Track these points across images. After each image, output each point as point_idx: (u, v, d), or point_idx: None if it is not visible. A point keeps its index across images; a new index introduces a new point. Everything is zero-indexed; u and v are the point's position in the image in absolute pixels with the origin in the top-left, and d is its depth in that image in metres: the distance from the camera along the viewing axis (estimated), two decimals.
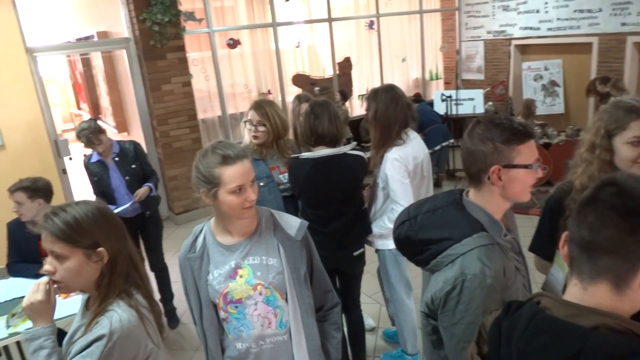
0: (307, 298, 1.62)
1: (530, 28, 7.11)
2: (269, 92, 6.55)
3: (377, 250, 2.75)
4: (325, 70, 7.29)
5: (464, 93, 7.28)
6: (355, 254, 2.58)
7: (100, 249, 1.34)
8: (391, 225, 2.51)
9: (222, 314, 1.60)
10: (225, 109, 6.14)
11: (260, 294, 1.56)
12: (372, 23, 7.42)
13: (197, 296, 1.61)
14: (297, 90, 6.98)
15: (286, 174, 2.71)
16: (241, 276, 1.55)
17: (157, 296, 3.55)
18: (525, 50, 7.46)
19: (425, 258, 1.35)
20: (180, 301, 3.90)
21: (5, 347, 2.55)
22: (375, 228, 2.63)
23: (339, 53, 7.19)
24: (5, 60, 4.52)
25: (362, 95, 7.43)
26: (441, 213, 1.36)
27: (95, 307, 1.37)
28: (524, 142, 1.26)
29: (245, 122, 2.67)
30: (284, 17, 6.52)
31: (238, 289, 1.55)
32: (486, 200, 1.32)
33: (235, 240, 1.57)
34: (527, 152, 1.26)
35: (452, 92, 7.01)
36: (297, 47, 6.93)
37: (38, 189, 2.92)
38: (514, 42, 7.40)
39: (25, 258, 3.01)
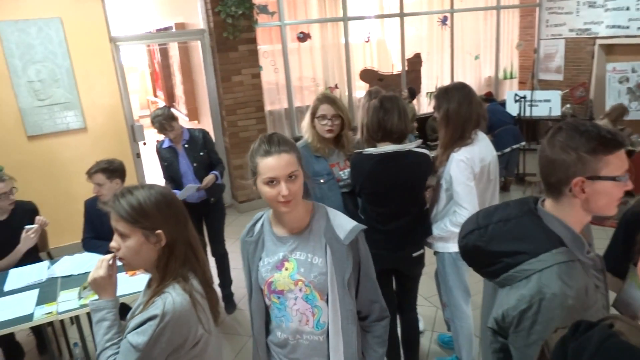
0: (349, 304, 1.55)
1: (619, 26, 6.62)
2: (336, 87, 6.55)
3: (436, 253, 2.68)
4: (394, 66, 7.18)
5: (539, 94, 6.92)
6: (414, 255, 2.53)
7: (159, 231, 1.40)
8: (452, 228, 2.45)
9: (266, 301, 1.63)
10: (292, 102, 6.21)
11: (301, 290, 1.55)
12: (445, 19, 7.21)
13: (250, 278, 1.65)
14: (364, 86, 6.94)
15: (346, 170, 2.70)
16: (287, 269, 1.56)
17: (216, 281, 3.69)
18: (611, 50, 6.96)
19: (495, 271, 1.26)
20: (238, 287, 4.01)
21: (76, 317, 2.73)
22: (436, 230, 2.56)
23: (409, 49, 7.06)
24: (91, 49, 4.82)
25: (431, 92, 7.26)
26: (515, 224, 1.26)
27: (154, 287, 1.45)
28: (612, 152, 1.14)
29: (317, 117, 2.66)
30: (355, 12, 6.49)
31: (281, 281, 1.56)
32: (566, 213, 1.22)
33: (286, 232, 1.58)
34: (616, 162, 1.15)
35: (527, 93, 6.68)
36: (367, 41, 6.87)
37: (115, 170, 3.11)
38: (599, 42, 6.92)
39: (99, 234, 3.21)
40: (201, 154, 3.54)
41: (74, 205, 4.69)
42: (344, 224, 1.55)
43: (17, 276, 3.00)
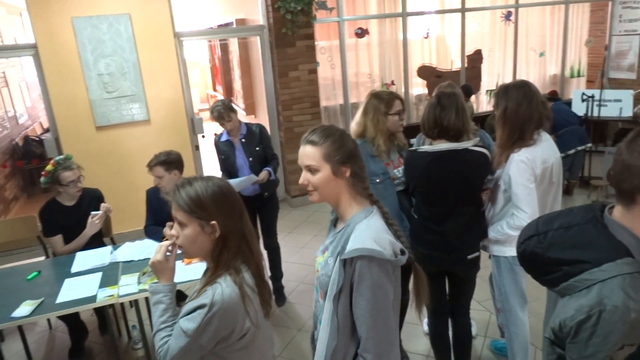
0: (334, 320, 1.44)
1: None
2: (392, 83, 6.47)
3: (491, 256, 2.60)
4: (453, 62, 7.00)
5: (609, 93, 6.52)
6: (469, 257, 2.46)
7: (213, 222, 1.45)
8: (509, 232, 2.36)
9: None
10: (348, 98, 6.20)
11: (317, 280, 1.59)
12: (509, 14, 6.94)
13: None
14: (421, 82, 6.81)
15: (400, 168, 2.67)
16: (322, 257, 1.58)
17: (267, 274, 3.75)
18: None
19: (554, 279, 1.21)
20: (288, 281, 4.07)
21: (135, 301, 2.85)
22: (492, 232, 2.48)
23: (470, 45, 6.85)
24: (157, 44, 5.01)
25: (491, 90, 7.02)
26: (577, 231, 1.20)
27: (207, 276, 1.50)
28: None
29: (391, 114, 2.66)
30: (414, 7, 6.37)
31: (316, 266, 1.61)
32: (637, 222, 1.14)
33: (338, 225, 1.59)
34: None
35: (596, 92, 6.32)
36: (426, 37, 6.73)
37: (173, 162, 3.23)
38: None
39: (159, 221, 3.34)
40: (257, 148, 3.61)
41: (136, 193, 4.91)
42: (357, 240, 1.40)
43: (83, 259, 3.19)
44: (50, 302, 2.70)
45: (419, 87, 6.86)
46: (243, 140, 3.59)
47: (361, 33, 6.19)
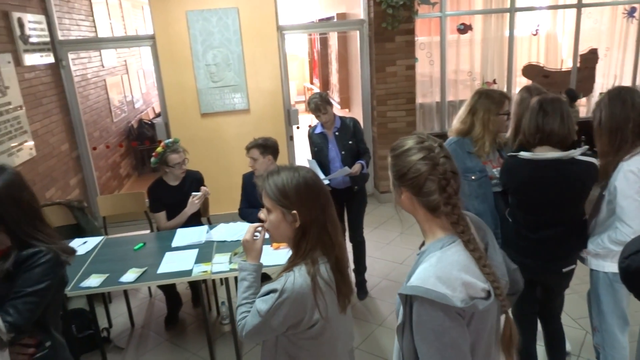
0: (402, 354, 1.32)
1: None
2: (494, 82, 6.19)
3: (590, 270, 2.42)
4: (564, 62, 6.53)
5: None
6: (564, 270, 2.31)
7: (294, 212, 1.50)
8: (611, 246, 2.18)
9: None
10: (445, 96, 6.03)
11: None
12: (633, 10, 6.32)
13: None
14: (526, 82, 6.43)
15: (499, 169, 2.58)
16: None
17: (351, 267, 3.79)
18: None
19: None
20: (371, 275, 4.08)
21: (226, 279, 3.03)
22: (591, 245, 2.30)
23: (584, 43, 6.34)
24: (261, 37, 5.23)
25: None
26: None
27: (287, 263, 1.56)
28: None
29: (500, 114, 2.64)
30: (524, 2, 6.02)
31: None
32: None
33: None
34: None
35: None
36: (535, 34, 6.34)
37: (268, 147, 3.41)
38: None
39: (253, 205, 3.52)
40: (350, 142, 3.64)
41: (233, 178, 5.18)
42: (419, 275, 1.23)
43: (182, 236, 3.44)
44: (152, 272, 2.96)
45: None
46: (337, 133, 3.65)
47: (464, 29, 5.98)
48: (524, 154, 2.26)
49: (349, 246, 3.87)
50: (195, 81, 5.21)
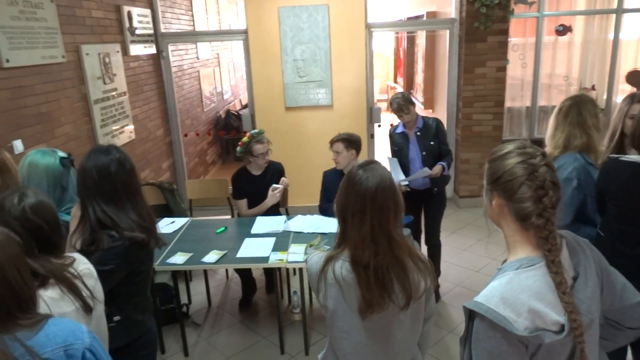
0: None
1: None
2: (593, 88, 5.78)
3: None
4: None
5: None
6: None
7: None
8: None
9: None
10: (537, 100, 5.73)
11: None
12: None
13: None
14: (630, 90, 5.94)
15: None
16: None
17: None
18: None
19: None
20: (445, 281, 4.00)
21: (300, 270, 3.11)
22: None
23: None
24: (349, 34, 5.27)
25: None
26: None
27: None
28: None
29: (629, 117, 2.46)
30: (633, 3, 5.56)
31: None
32: None
33: None
34: None
35: None
36: None
37: (353, 142, 3.47)
38: None
39: (331, 201, 3.57)
40: (432, 143, 3.59)
41: (312, 172, 5.28)
42: (485, 292, 1.18)
43: (261, 224, 3.57)
44: (232, 255, 3.10)
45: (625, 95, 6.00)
46: (418, 133, 3.60)
47: (563, 30, 5.63)
48: (626, 157, 2.10)
49: (424, 249, 3.82)
50: (282, 75, 5.36)
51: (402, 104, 3.48)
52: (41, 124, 3.33)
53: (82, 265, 1.58)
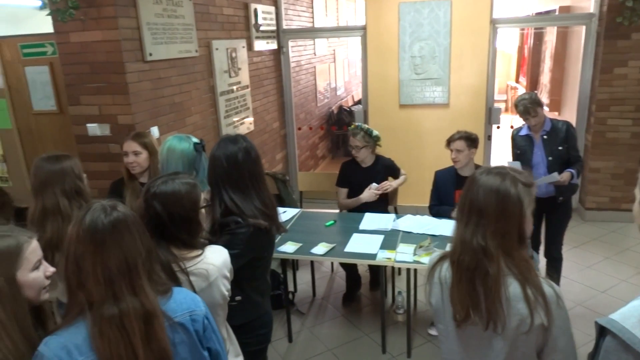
0: None
1: None
2: None
3: None
4: None
5: None
6: None
7: None
8: None
9: None
10: None
11: None
12: None
13: None
14: None
15: None
16: None
17: None
18: None
19: None
20: (565, 299, 3.68)
21: (407, 270, 3.05)
22: None
23: None
24: (471, 30, 5.05)
25: None
26: None
27: None
28: None
29: None
30: None
31: None
32: None
33: None
34: None
35: None
36: None
37: (473, 140, 3.35)
38: None
39: (444, 202, 3.47)
40: (560, 148, 3.31)
41: (424, 172, 5.15)
42: (623, 310, 1.09)
43: (370, 220, 3.56)
44: (339, 249, 3.13)
45: None
46: (545, 137, 3.34)
47: None
48: None
49: (542, 262, 3.55)
50: (398, 72, 5.29)
51: (528, 107, 3.25)
52: (174, 113, 3.62)
53: (204, 265, 1.64)
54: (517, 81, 11.06)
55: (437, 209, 3.54)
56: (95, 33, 3.01)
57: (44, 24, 3.13)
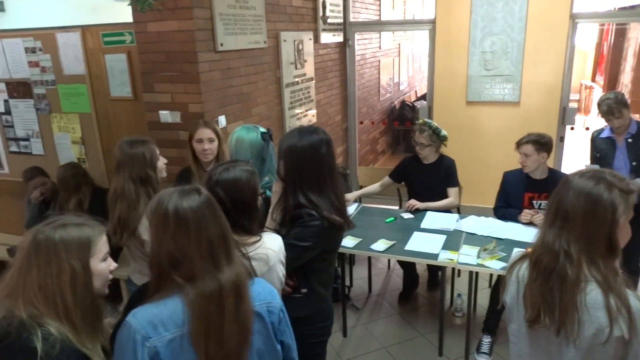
0: None
1: None
2: None
3: None
4: None
5: None
6: None
7: None
8: None
9: None
10: None
11: None
12: None
13: None
14: None
15: None
16: None
17: None
18: None
19: None
20: None
21: (469, 273, 2.95)
22: None
23: None
24: (548, 25, 4.78)
25: None
26: None
27: None
28: None
29: None
30: None
31: None
32: None
33: None
34: None
35: None
36: None
37: (544, 144, 3.13)
38: None
39: (509, 205, 3.33)
40: None
41: (488, 172, 4.97)
42: None
43: (432, 219, 3.48)
44: (400, 247, 3.08)
45: None
46: (629, 140, 3.12)
47: None
48: None
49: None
50: (467, 68, 5.11)
51: (613, 107, 3.03)
52: (241, 103, 3.68)
53: (263, 250, 1.67)
54: (593, 80, 10.44)
55: (503, 211, 3.40)
56: (171, 23, 3.11)
57: (124, 14, 3.26)
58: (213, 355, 1.22)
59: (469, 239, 3.15)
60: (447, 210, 3.71)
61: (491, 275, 3.79)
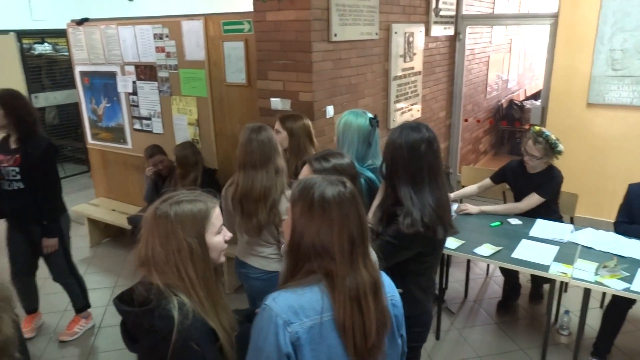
0: None
1: None
2: None
3: None
4: None
5: None
6: None
7: None
8: None
9: None
10: None
11: None
12: None
13: None
14: None
15: None
16: None
17: None
18: None
19: None
20: None
21: (585, 290, 2.72)
22: None
23: None
24: None
25: None
26: None
27: None
28: None
29: None
30: None
31: None
32: None
33: None
34: None
35: None
36: None
37: None
38: None
39: (635, 220, 3.02)
40: None
41: (606, 182, 4.57)
42: None
43: (542, 227, 3.25)
44: (506, 254, 2.92)
45: None
46: None
47: None
48: None
49: None
50: (591, 67, 4.70)
51: None
52: (349, 94, 3.68)
53: None
54: None
55: (626, 227, 3.08)
56: (289, 12, 3.17)
57: (243, 3, 3.39)
58: (360, 346, 1.21)
59: (585, 253, 2.91)
60: (557, 219, 3.45)
61: (604, 294, 3.49)
